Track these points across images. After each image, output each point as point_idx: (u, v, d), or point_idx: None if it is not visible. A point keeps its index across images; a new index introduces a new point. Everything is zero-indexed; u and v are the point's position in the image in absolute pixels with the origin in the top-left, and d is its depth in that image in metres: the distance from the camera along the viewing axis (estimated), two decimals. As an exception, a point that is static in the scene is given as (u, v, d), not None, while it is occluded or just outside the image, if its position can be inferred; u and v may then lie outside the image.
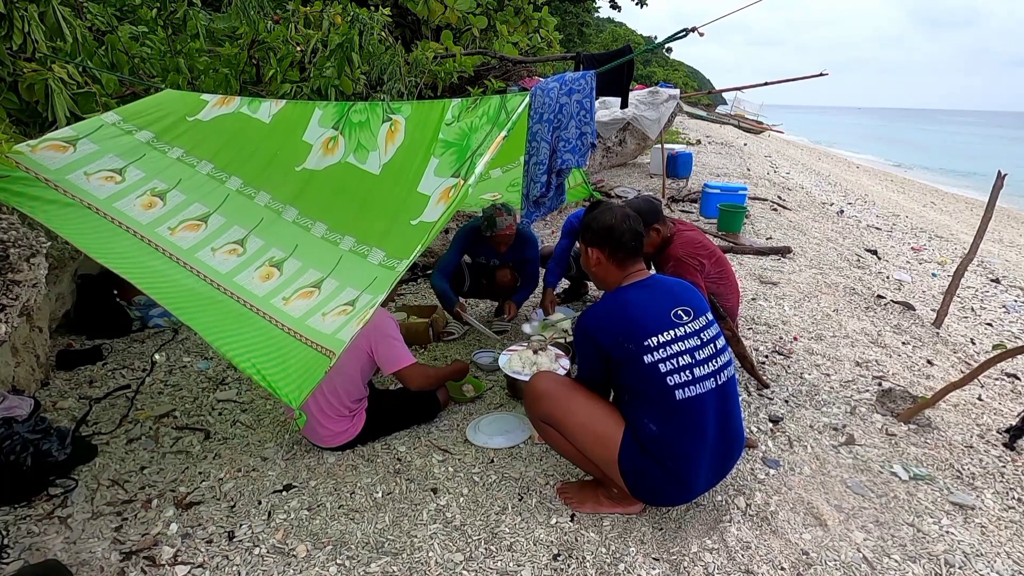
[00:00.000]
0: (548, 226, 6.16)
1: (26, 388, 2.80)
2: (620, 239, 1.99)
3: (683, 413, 1.86)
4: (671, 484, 1.91)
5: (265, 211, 2.37)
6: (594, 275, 2.11)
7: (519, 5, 7.34)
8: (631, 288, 2.00)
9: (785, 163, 14.78)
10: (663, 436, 1.87)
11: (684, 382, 1.85)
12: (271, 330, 1.94)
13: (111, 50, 3.55)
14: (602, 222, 2.02)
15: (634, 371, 1.86)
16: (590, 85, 2.67)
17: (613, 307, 1.96)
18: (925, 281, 5.86)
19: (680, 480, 1.90)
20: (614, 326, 1.90)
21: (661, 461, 1.88)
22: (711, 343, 1.94)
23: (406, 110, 2.43)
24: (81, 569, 1.87)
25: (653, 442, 1.88)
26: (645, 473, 1.90)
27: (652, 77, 37.06)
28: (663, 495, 1.97)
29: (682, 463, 1.88)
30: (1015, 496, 2.25)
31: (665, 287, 2.02)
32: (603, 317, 1.95)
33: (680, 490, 1.94)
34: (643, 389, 1.88)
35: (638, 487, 1.95)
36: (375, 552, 1.94)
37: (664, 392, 1.85)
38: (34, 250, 2.15)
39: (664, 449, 1.87)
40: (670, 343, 1.87)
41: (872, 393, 2.94)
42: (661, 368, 1.84)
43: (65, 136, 2.39)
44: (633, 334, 1.87)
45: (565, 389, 2.05)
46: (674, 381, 1.85)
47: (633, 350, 1.85)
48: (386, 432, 2.59)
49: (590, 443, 1.98)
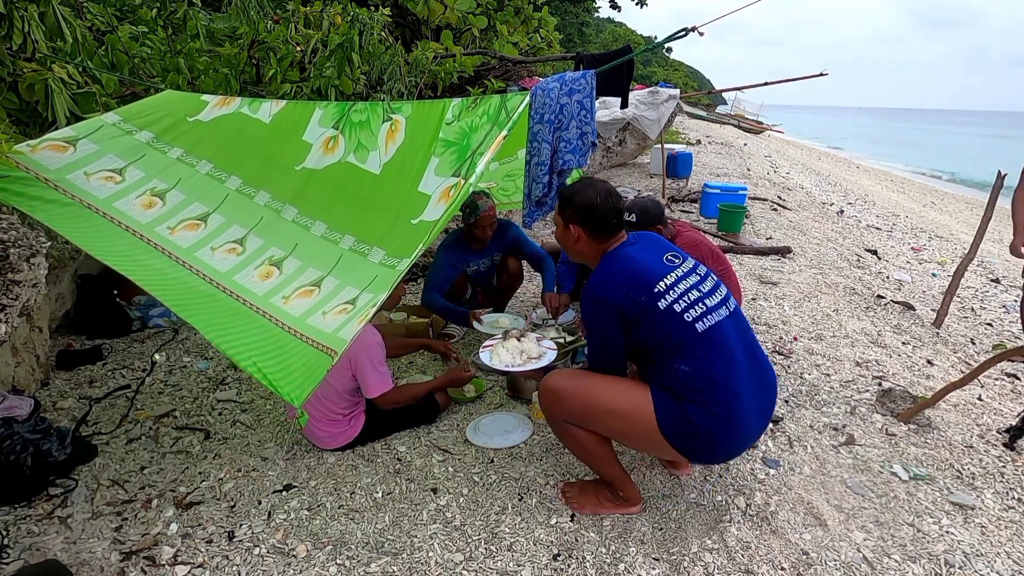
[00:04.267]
0: (548, 226, 6.16)
1: (26, 388, 2.80)
2: (604, 218, 1.96)
3: (709, 342, 1.84)
4: (723, 428, 1.84)
5: (265, 210, 2.37)
6: (573, 251, 2.07)
7: (519, 5, 7.34)
8: (620, 248, 1.99)
9: (785, 163, 14.78)
10: (697, 372, 1.83)
11: (701, 314, 1.85)
12: (271, 329, 1.94)
13: (111, 50, 3.55)
14: (585, 199, 1.97)
15: (652, 322, 1.84)
16: (590, 85, 2.67)
17: (613, 268, 1.94)
18: (925, 281, 5.86)
19: (730, 420, 1.83)
20: (622, 284, 1.87)
21: (703, 404, 1.82)
22: (708, 277, 1.96)
23: (406, 110, 2.43)
24: (81, 569, 1.87)
25: (689, 384, 1.83)
26: (692, 425, 1.83)
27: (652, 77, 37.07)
28: (722, 446, 1.89)
29: (724, 397, 1.83)
30: (1015, 496, 2.25)
31: (648, 240, 2.04)
32: (608, 279, 1.91)
33: (733, 432, 1.86)
34: (666, 336, 1.85)
35: (692, 447, 1.88)
36: (375, 552, 1.94)
37: (686, 329, 1.83)
38: (34, 250, 2.15)
39: (702, 385, 1.83)
40: (676, 284, 1.87)
41: (872, 393, 2.94)
42: (677, 308, 1.84)
43: (65, 136, 2.39)
44: (642, 285, 1.85)
45: (581, 380, 2.00)
46: (691, 316, 1.84)
47: (646, 301, 1.83)
48: (386, 433, 2.59)
49: (624, 425, 1.92)
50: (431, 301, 3.48)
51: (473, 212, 3.38)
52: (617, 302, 1.86)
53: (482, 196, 3.41)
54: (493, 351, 2.68)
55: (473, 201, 3.37)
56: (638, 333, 1.88)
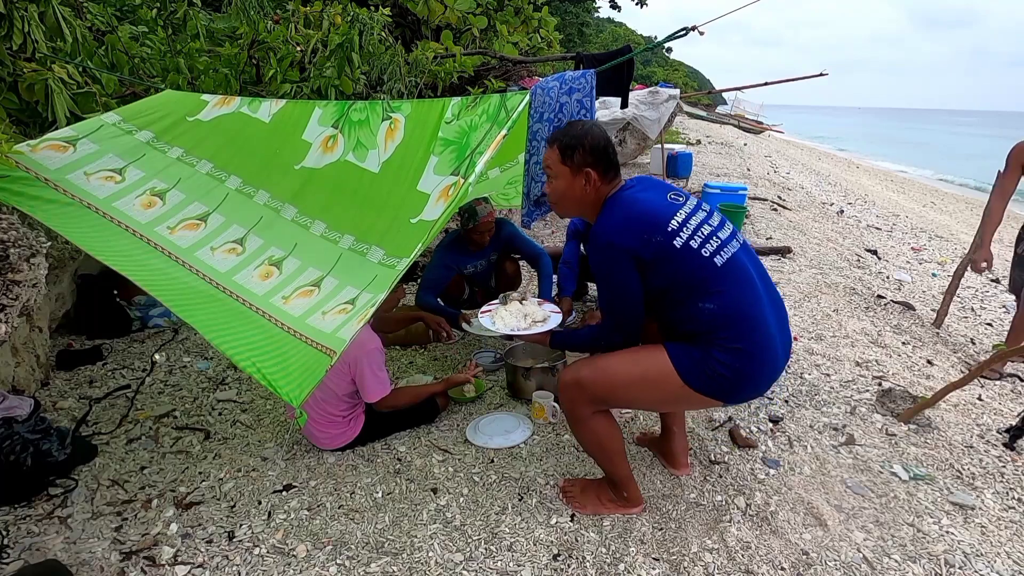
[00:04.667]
0: (548, 226, 6.16)
1: (26, 388, 2.80)
2: (611, 156, 1.89)
3: (729, 275, 1.79)
4: (752, 362, 1.78)
5: (264, 210, 2.37)
6: (578, 200, 1.94)
7: (519, 5, 7.33)
8: (622, 192, 1.89)
9: (785, 163, 14.78)
10: (723, 308, 1.76)
11: (716, 248, 1.79)
12: (271, 329, 1.94)
13: (111, 50, 3.55)
14: (594, 139, 1.87)
15: (670, 262, 1.77)
16: (590, 84, 2.67)
17: (623, 211, 1.83)
18: (925, 281, 5.85)
19: (759, 352, 1.78)
20: (635, 226, 1.78)
21: (729, 342, 1.76)
22: (713, 212, 1.89)
23: (406, 108, 2.43)
24: (81, 569, 1.87)
25: (714, 323, 1.76)
26: (720, 366, 1.77)
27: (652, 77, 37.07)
28: (753, 381, 1.82)
29: (751, 330, 1.77)
30: (1015, 496, 2.25)
31: (646, 181, 1.95)
32: (619, 223, 1.81)
33: (762, 364, 1.80)
34: (686, 275, 1.78)
35: (723, 388, 1.81)
36: (375, 552, 1.94)
37: (704, 265, 1.77)
38: (34, 250, 2.15)
39: (729, 321, 1.76)
40: (687, 220, 1.80)
41: (872, 393, 2.93)
42: (693, 245, 1.77)
43: (65, 136, 2.39)
44: (655, 225, 1.78)
45: (598, 362, 1.92)
46: (708, 251, 1.78)
47: (662, 241, 1.76)
48: (386, 433, 2.59)
49: (651, 392, 1.88)
50: (424, 301, 3.48)
51: (472, 218, 3.37)
52: (632, 246, 1.76)
53: (481, 202, 3.40)
54: (495, 315, 2.42)
55: (472, 206, 3.36)
56: (656, 276, 1.79)
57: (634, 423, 2.68)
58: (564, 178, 1.91)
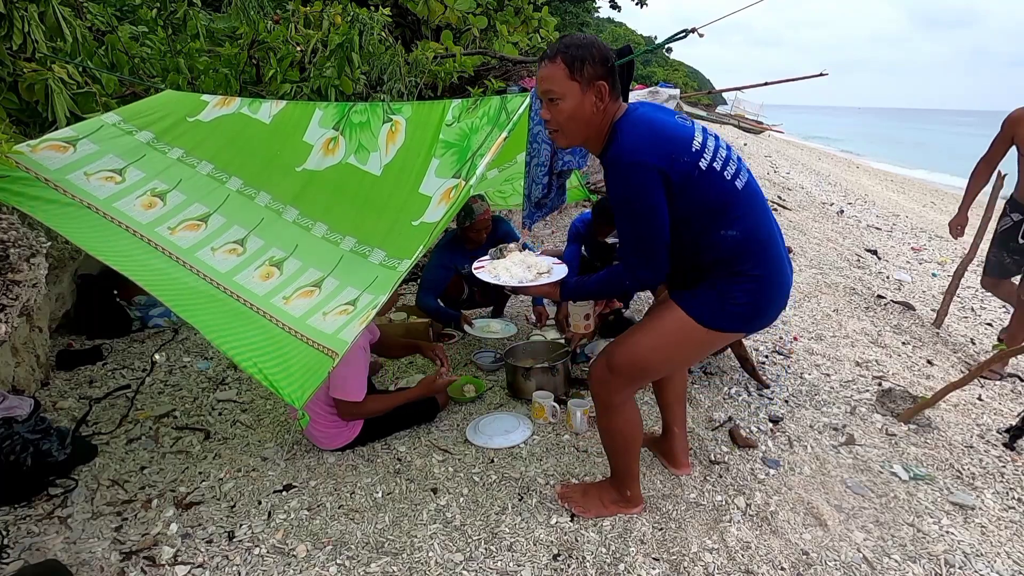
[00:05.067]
0: (548, 226, 6.17)
1: (26, 388, 2.80)
2: (615, 66, 1.73)
3: (751, 201, 1.75)
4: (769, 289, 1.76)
5: (265, 211, 2.38)
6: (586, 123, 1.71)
7: (519, 5, 7.32)
8: (632, 114, 1.74)
9: (785, 163, 14.77)
10: (745, 232, 1.71)
11: (735, 172, 1.72)
12: (272, 329, 1.94)
13: (111, 50, 3.54)
14: (602, 50, 1.69)
15: (695, 187, 1.65)
16: (590, 85, 2.66)
17: (646, 129, 1.68)
18: (925, 281, 5.85)
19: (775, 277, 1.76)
20: (662, 144, 1.64)
21: (746, 272, 1.72)
22: (719, 138, 1.80)
23: (406, 111, 2.44)
24: (81, 569, 1.87)
25: (737, 251, 1.71)
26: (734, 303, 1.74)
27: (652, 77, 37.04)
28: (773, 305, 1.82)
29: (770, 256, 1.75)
30: (1015, 496, 2.25)
31: (649, 104, 1.82)
32: (646, 140, 1.65)
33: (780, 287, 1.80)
34: (709, 201, 1.68)
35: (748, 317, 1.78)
36: (375, 552, 1.94)
37: (727, 189, 1.70)
38: (34, 250, 2.15)
39: (750, 248, 1.72)
40: (705, 142, 1.70)
41: (872, 393, 2.94)
42: (716, 167, 1.68)
43: (65, 136, 2.39)
44: (680, 143, 1.66)
45: (619, 346, 1.90)
46: (729, 174, 1.70)
47: (688, 161, 1.64)
48: (386, 433, 2.59)
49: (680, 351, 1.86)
50: (425, 303, 3.49)
51: (468, 216, 3.37)
52: (660, 164, 1.61)
53: (477, 199, 3.41)
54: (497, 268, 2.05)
55: (468, 204, 3.36)
56: (680, 202, 1.66)
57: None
58: (571, 96, 1.66)
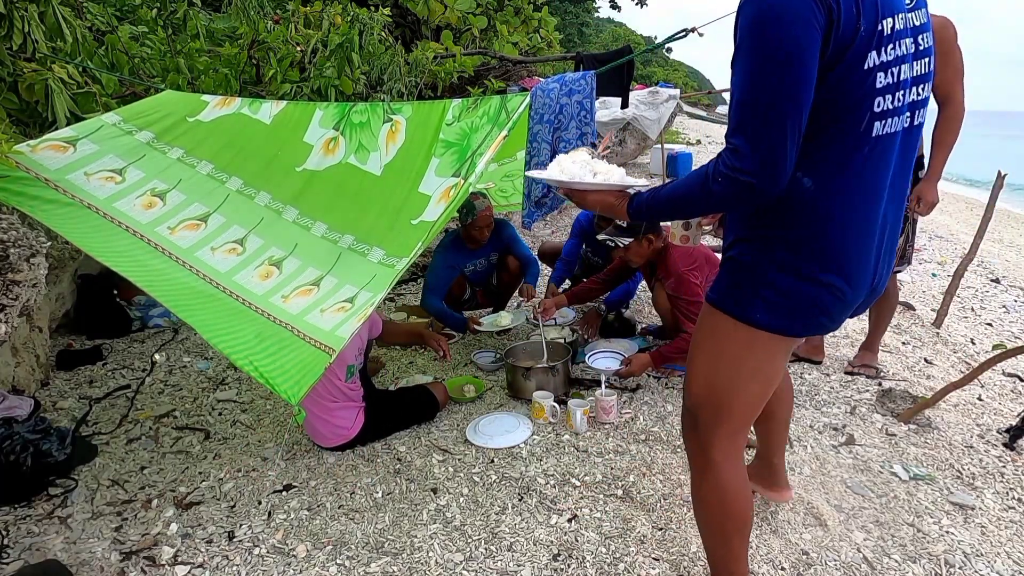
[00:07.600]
0: (548, 226, 6.17)
1: (26, 388, 2.81)
2: None
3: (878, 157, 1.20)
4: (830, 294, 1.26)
5: (265, 211, 2.38)
6: None
7: (519, 5, 7.33)
8: None
9: (785, 163, 14.76)
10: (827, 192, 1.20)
11: (885, 111, 1.18)
12: (270, 327, 1.94)
13: (111, 50, 3.54)
14: None
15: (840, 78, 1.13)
16: (590, 86, 2.68)
17: None
18: (925, 281, 5.85)
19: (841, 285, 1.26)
20: None
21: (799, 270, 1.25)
22: (925, 55, 1.23)
23: (407, 111, 2.44)
24: (81, 569, 1.87)
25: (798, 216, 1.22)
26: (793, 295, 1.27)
27: (652, 77, 37.04)
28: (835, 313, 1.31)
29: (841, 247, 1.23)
30: (1015, 496, 2.25)
31: None
32: None
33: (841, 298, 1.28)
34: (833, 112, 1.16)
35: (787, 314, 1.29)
36: (375, 552, 1.94)
37: (859, 120, 1.17)
38: (34, 250, 2.15)
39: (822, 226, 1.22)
40: (897, 40, 1.16)
41: (872, 393, 2.94)
42: (878, 82, 1.15)
43: (65, 136, 2.39)
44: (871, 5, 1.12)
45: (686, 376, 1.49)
46: (879, 106, 1.17)
47: (864, 36, 1.11)
48: (386, 432, 2.59)
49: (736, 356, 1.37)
50: (430, 305, 3.47)
51: (470, 213, 3.37)
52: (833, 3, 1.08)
53: (479, 197, 3.41)
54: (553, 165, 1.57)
55: (470, 202, 3.36)
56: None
57: (634, 423, 2.68)
58: None
